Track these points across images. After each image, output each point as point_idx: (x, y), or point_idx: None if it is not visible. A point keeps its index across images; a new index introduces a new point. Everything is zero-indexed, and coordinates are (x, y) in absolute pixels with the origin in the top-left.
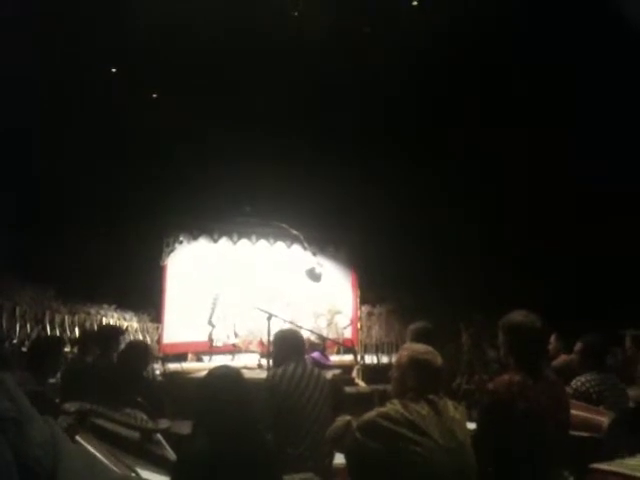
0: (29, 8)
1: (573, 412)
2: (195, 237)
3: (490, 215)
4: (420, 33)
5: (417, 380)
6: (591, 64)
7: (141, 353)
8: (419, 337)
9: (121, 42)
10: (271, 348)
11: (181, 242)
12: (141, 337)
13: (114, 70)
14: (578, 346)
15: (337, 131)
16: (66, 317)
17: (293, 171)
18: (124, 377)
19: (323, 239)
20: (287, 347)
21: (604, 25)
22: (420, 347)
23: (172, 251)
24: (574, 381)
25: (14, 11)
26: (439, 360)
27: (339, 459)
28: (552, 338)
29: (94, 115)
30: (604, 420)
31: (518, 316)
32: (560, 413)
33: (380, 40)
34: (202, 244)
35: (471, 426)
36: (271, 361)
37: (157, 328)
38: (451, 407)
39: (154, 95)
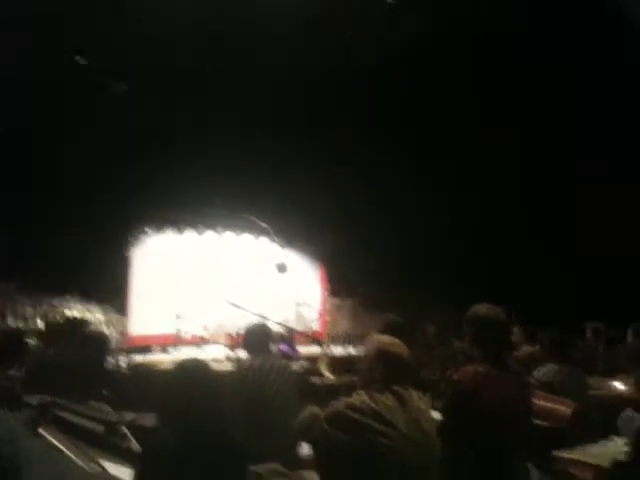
0: None
1: (536, 402)
2: (160, 228)
3: (459, 209)
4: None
5: (383, 371)
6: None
7: (101, 344)
8: (387, 329)
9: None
10: (239, 340)
11: (146, 233)
12: (106, 329)
13: (81, 61)
14: (541, 338)
15: (306, 124)
16: (29, 309)
17: (261, 164)
18: (87, 369)
19: (291, 231)
20: (254, 339)
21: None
22: (387, 339)
23: (137, 242)
24: (536, 371)
25: None
26: (405, 352)
27: (306, 450)
28: (515, 330)
29: (58, 105)
30: (566, 409)
31: (482, 308)
32: (523, 403)
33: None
34: (168, 235)
35: (436, 416)
36: (240, 353)
37: (122, 320)
38: (416, 397)
39: (121, 86)
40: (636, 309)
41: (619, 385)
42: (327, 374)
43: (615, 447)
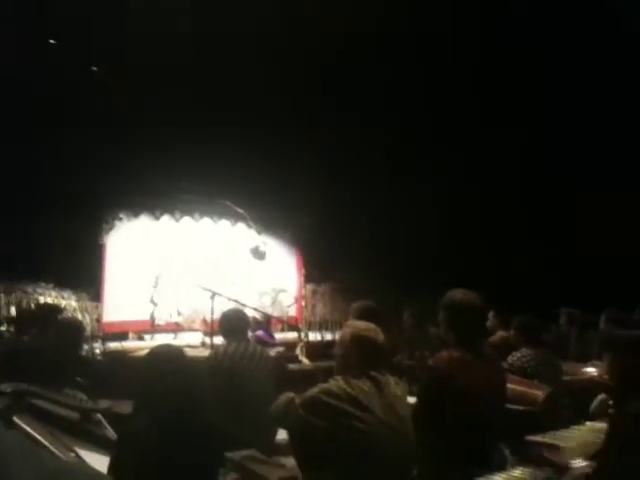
0: None
1: (509, 386)
2: (136, 214)
3: (435, 197)
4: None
5: (359, 357)
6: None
7: (75, 331)
8: (363, 315)
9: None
10: (215, 326)
11: (121, 219)
12: (80, 316)
13: (52, 41)
14: (515, 323)
15: (282, 110)
16: (1, 296)
17: (238, 150)
18: (61, 357)
19: (268, 218)
20: (230, 325)
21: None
22: (362, 324)
23: (112, 228)
24: (510, 356)
25: None
26: (381, 337)
27: (282, 435)
28: (490, 315)
29: (29, 86)
30: (539, 394)
31: (458, 294)
32: (498, 388)
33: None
34: (143, 221)
35: (412, 401)
36: (215, 339)
37: (97, 307)
38: (392, 383)
39: (93, 68)
40: (610, 295)
41: (592, 370)
42: (304, 360)
43: (588, 431)
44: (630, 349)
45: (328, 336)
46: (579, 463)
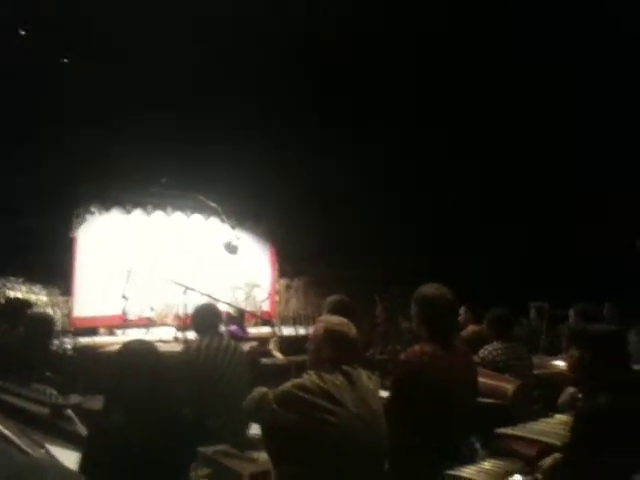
0: None
1: (480, 380)
2: (107, 208)
3: (408, 187)
4: None
5: (332, 351)
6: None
7: (45, 326)
8: (336, 310)
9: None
10: (187, 321)
11: (92, 213)
12: (51, 311)
13: (22, 32)
14: (487, 317)
15: (254, 104)
16: None
17: (211, 143)
18: (31, 351)
19: (242, 212)
20: (203, 320)
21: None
22: (335, 319)
23: (83, 222)
24: (482, 350)
25: None
26: (353, 331)
27: (255, 430)
28: (462, 310)
29: None
30: (509, 387)
31: (430, 288)
32: (468, 381)
33: None
34: (115, 215)
35: (384, 395)
36: (188, 334)
37: (67, 301)
38: (365, 377)
39: (64, 60)
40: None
41: (561, 363)
42: (277, 354)
43: (557, 424)
44: (597, 343)
45: (302, 331)
46: (548, 455)
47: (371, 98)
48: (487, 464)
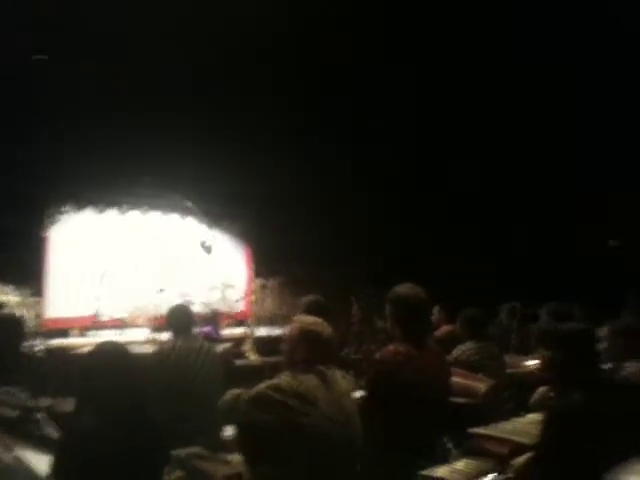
0: None
1: (454, 379)
2: (81, 207)
3: (382, 190)
4: None
5: (307, 351)
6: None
7: (15, 327)
8: (311, 310)
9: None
10: (161, 322)
11: (65, 212)
12: (21, 312)
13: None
14: (460, 316)
15: (231, 103)
16: None
17: (188, 142)
18: (1, 353)
19: (217, 212)
20: (177, 321)
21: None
22: (309, 319)
23: (55, 222)
24: (455, 350)
25: None
26: (328, 331)
27: (228, 432)
28: (435, 309)
29: None
30: (482, 387)
31: (404, 288)
32: (442, 381)
33: None
34: (88, 214)
35: (358, 395)
36: (161, 336)
37: (39, 302)
38: (339, 377)
39: (36, 57)
40: (553, 289)
41: (533, 363)
42: (252, 356)
43: (529, 423)
44: (567, 342)
45: (277, 331)
46: (520, 455)
47: (355, 99)
48: (460, 464)
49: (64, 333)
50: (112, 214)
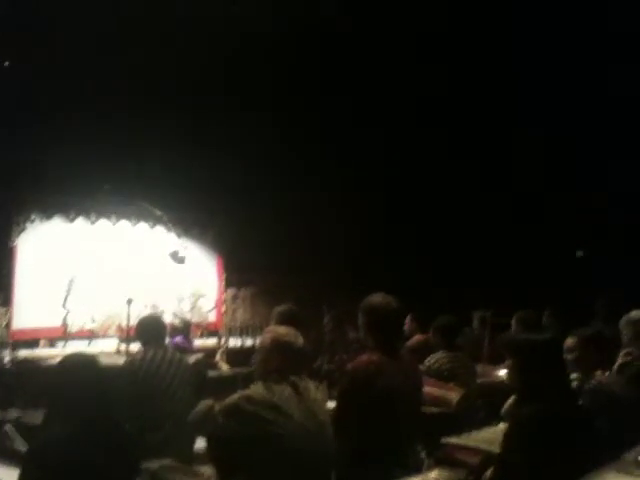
0: None
1: (426, 389)
2: (49, 216)
3: (354, 199)
4: None
5: (279, 362)
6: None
7: None
8: (284, 320)
9: None
10: (131, 333)
11: (33, 221)
12: None
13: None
14: (433, 325)
15: (201, 111)
16: None
17: (156, 150)
18: None
19: (188, 221)
20: (147, 332)
21: None
22: (282, 329)
23: (23, 230)
24: (427, 359)
25: None
26: (301, 341)
27: (200, 444)
28: (408, 319)
29: None
30: (454, 396)
31: (377, 298)
32: (414, 391)
33: None
34: (57, 223)
35: (332, 405)
36: (131, 346)
37: (6, 312)
38: (312, 388)
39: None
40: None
41: (504, 372)
42: (224, 366)
43: (500, 433)
44: (528, 351)
45: (249, 341)
46: (492, 464)
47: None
48: (432, 473)
49: (32, 344)
50: (81, 223)
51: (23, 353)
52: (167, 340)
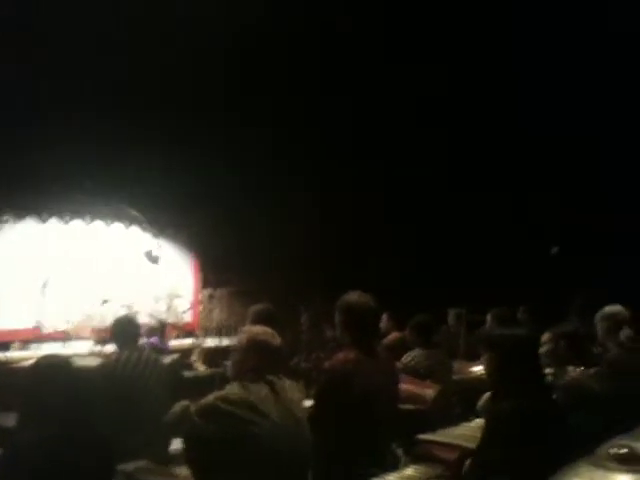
0: None
1: (402, 386)
2: (21, 216)
3: (332, 198)
4: None
5: (256, 361)
6: None
7: None
8: (260, 319)
9: None
10: (106, 334)
11: (5, 221)
12: None
13: None
14: (410, 323)
15: (179, 111)
16: None
17: (131, 149)
18: None
19: (164, 221)
20: (122, 333)
21: None
22: (258, 329)
23: None
24: (404, 357)
25: None
26: (277, 340)
27: (176, 445)
28: (384, 317)
29: None
30: (430, 393)
31: (353, 296)
32: (391, 388)
33: None
34: (29, 224)
35: (309, 404)
36: (106, 348)
37: None
38: (289, 387)
39: None
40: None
41: (480, 369)
42: (200, 366)
43: (476, 428)
44: (503, 347)
45: (225, 341)
46: (468, 460)
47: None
48: (409, 470)
49: (5, 346)
50: (55, 223)
51: None
52: (143, 341)
